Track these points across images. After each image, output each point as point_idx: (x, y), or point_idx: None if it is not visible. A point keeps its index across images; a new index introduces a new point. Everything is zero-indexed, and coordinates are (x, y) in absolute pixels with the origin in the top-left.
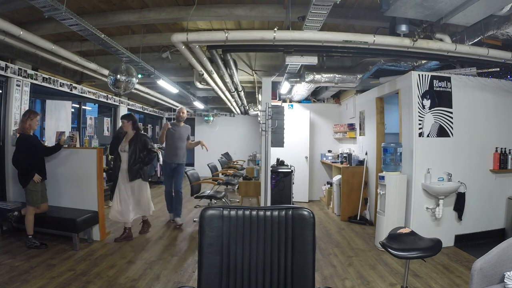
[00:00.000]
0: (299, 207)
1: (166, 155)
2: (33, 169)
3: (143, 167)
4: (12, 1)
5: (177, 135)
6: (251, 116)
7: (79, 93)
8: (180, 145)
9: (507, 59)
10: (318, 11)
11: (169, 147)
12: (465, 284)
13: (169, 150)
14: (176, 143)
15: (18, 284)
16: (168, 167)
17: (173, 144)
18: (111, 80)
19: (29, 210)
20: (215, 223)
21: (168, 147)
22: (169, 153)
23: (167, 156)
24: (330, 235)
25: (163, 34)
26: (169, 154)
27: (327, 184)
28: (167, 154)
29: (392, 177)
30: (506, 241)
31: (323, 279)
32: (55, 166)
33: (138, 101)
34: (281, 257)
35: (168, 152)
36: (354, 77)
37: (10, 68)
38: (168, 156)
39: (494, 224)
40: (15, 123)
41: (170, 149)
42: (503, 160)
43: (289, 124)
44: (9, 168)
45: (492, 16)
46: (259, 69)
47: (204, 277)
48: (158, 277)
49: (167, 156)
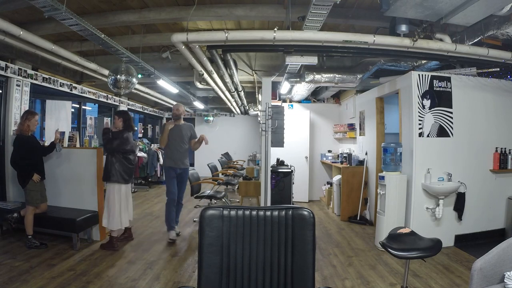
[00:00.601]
0: (299, 207)
1: (168, 159)
2: (32, 169)
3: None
4: (12, 1)
5: (178, 135)
6: (251, 116)
7: (79, 93)
8: (182, 147)
9: (507, 59)
10: (318, 11)
11: (170, 149)
12: (465, 284)
13: (171, 153)
14: (177, 144)
15: (18, 284)
16: (172, 172)
17: (174, 145)
18: (111, 80)
19: (29, 210)
20: (215, 223)
21: (169, 150)
22: (171, 157)
23: (168, 160)
24: (330, 235)
25: (163, 34)
26: (171, 157)
27: (327, 184)
28: (169, 157)
29: (392, 177)
30: (506, 241)
31: (323, 279)
32: (55, 166)
33: (138, 101)
34: (281, 257)
35: (169, 156)
36: (354, 77)
37: (10, 68)
38: (171, 160)
39: (494, 224)
40: (15, 123)
41: (172, 152)
42: (503, 160)
43: (289, 124)
44: (9, 168)
45: (492, 16)
46: (259, 69)
47: (204, 277)
48: (158, 277)
49: (169, 160)
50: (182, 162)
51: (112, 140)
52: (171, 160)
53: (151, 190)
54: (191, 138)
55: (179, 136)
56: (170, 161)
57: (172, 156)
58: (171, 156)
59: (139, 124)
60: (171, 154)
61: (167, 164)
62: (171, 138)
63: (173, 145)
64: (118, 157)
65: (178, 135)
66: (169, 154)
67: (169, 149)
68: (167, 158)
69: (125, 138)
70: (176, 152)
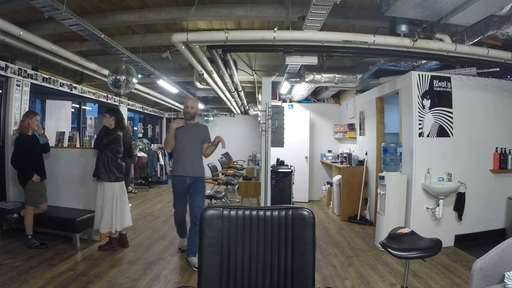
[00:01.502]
0: (299, 207)
1: (175, 166)
2: (31, 169)
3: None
4: (12, 1)
5: (189, 136)
6: (251, 116)
7: (79, 93)
8: (194, 149)
9: (507, 59)
10: (318, 11)
11: (178, 153)
12: (465, 284)
13: (179, 157)
14: (188, 146)
15: (18, 284)
16: (180, 183)
17: (183, 148)
18: (111, 80)
19: (28, 210)
20: (215, 223)
21: (177, 154)
22: (179, 162)
23: (176, 167)
24: (330, 235)
25: (163, 34)
26: (180, 163)
27: (327, 184)
28: (176, 163)
29: (392, 177)
30: (506, 241)
31: (323, 279)
32: (55, 166)
33: (138, 101)
34: (281, 257)
35: (177, 160)
36: (354, 77)
37: (10, 68)
38: (179, 167)
39: (494, 224)
40: (15, 123)
41: (180, 156)
42: (503, 160)
43: (289, 124)
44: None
45: (492, 16)
46: (259, 69)
47: (204, 277)
48: (158, 277)
49: (177, 166)
50: (194, 169)
51: (104, 136)
52: (180, 166)
53: (151, 190)
54: (204, 142)
55: (192, 137)
56: (178, 168)
57: (180, 160)
58: (179, 160)
59: (139, 124)
60: (178, 158)
61: (174, 173)
62: (180, 139)
63: (183, 148)
64: (108, 154)
65: (189, 136)
66: (177, 159)
67: (177, 152)
68: (174, 164)
69: (117, 136)
70: (186, 156)
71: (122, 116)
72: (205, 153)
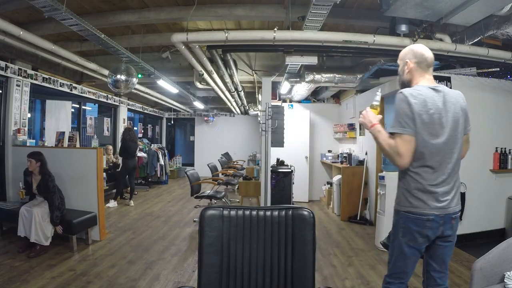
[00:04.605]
0: (299, 207)
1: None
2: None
3: None
4: (12, 1)
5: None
6: (251, 116)
7: (79, 93)
8: (454, 153)
9: (507, 59)
10: (318, 11)
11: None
12: (465, 284)
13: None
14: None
15: (18, 284)
16: (424, 229)
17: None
18: (111, 80)
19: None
20: (215, 223)
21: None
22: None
23: (416, 195)
24: (330, 235)
25: (163, 34)
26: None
27: (327, 184)
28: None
29: (392, 177)
30: (506, 241)
31: (323, 279)
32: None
33: (138, 101)
34: (281, 257)
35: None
36: (354, 77)
37: (10, 68)
38: (426, 196)
39: (494, 224)
40: (15, 123)
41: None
42: (503, 160)
43: (289, 124)
44: (9, 168)
45: (492, 16)
46: (259, 69)
47: (204, 277)
48: (158, 277)
49: (419, 194)
50: (453, 200)
51: None
52: (426, 195)
53: (151, 190)
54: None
55: (456, 125)
56: (422, 198)
57: (430, 181)
58: (426, 181)
59: (139, 124)
60: (420, 179)
61: (408, 208)
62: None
63: (438, 154)
64: None
65: (454, 124)
66: (417, 179)
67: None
68: (414, 190)
69: (53, 178)
70: (441, 175)
71: (45, 161)
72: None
